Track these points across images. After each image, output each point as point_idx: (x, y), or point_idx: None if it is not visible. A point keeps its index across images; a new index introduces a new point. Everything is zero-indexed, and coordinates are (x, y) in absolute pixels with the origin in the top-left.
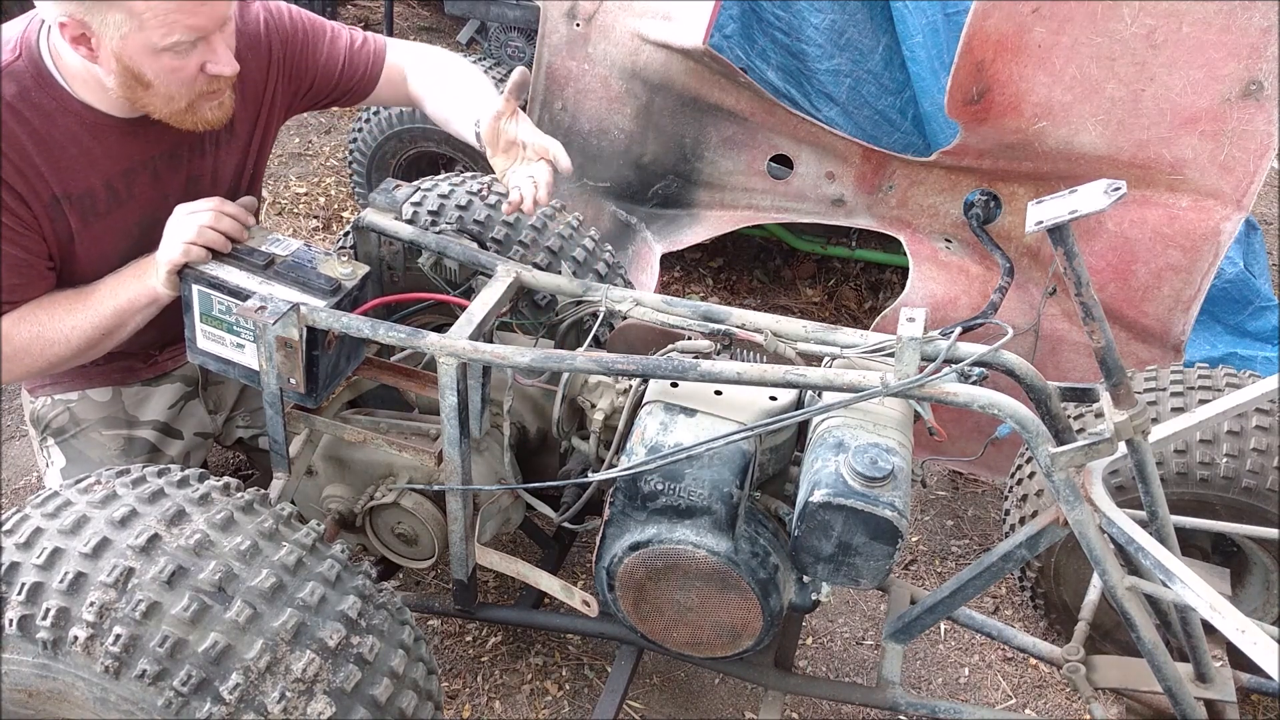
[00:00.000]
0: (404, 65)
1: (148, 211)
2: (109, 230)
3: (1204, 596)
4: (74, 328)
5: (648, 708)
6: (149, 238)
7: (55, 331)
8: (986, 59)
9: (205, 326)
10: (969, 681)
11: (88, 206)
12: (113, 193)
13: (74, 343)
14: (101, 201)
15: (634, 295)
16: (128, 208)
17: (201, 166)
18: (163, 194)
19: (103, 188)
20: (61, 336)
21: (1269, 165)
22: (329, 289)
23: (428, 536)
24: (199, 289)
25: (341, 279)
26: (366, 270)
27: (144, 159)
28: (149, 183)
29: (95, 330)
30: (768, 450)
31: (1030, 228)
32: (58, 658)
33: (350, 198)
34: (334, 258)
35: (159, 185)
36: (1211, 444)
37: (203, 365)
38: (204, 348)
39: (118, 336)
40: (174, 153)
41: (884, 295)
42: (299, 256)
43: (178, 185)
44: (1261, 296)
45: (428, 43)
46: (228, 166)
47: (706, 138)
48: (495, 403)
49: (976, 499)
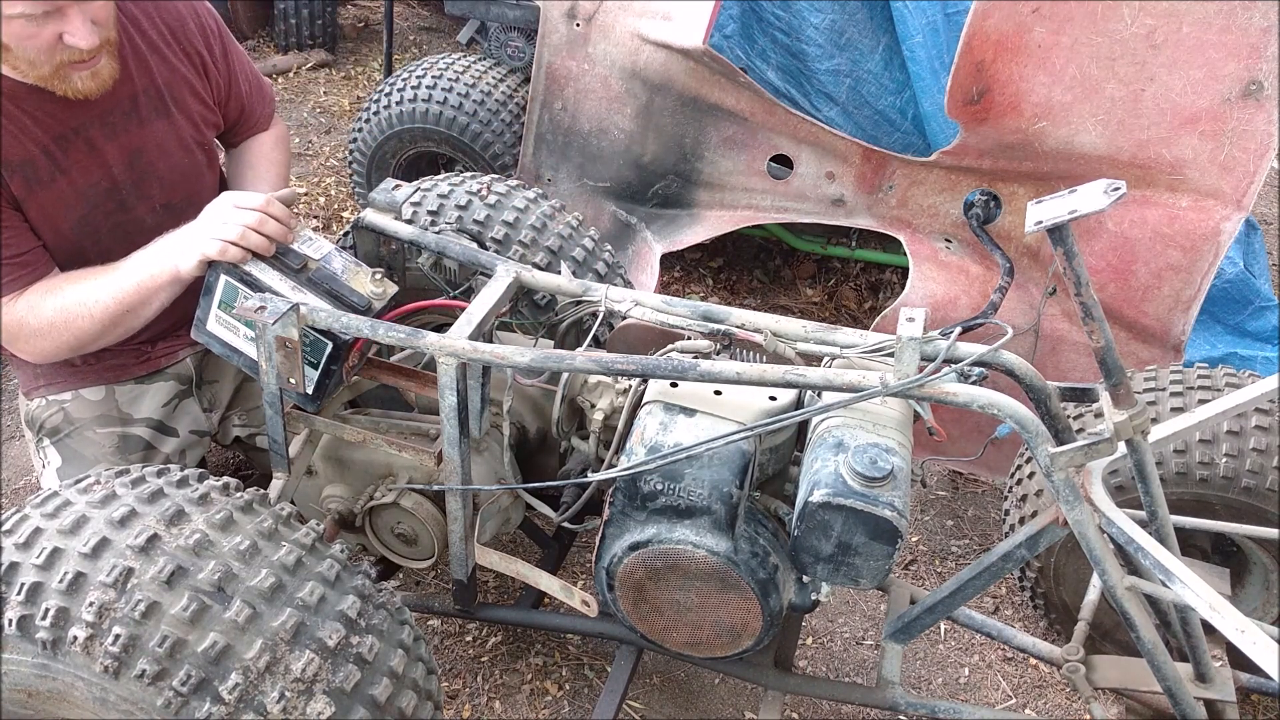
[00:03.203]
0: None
1: (90, 180)
2: (55, 199)
3: (1204, 596)
4: (97, 300)
5: (648, 708)
6: (99, 208)
7: (79, 304)
8: (986, 59)
9: (222, 314)
10: (969, 681)
11: (29, 174)
12: (50, 159)
13: (97, 316)
14: (42, 168)
15: (634, 295)
16: (70, 175)
17: (142, 136)
18: (103, 162)
19: (40, 154)
20: (85, 309)
21: (1269, 165)
22: (361, 307)
23: (427, 536)
24: (227, 279)
25: (373, 297)
26: (396, 290)
27: (74, 125)
28: (85, 150)
29: (118, 305)
30: (767, 450)
31: (1030, 228)
32: (57, 658)
33: (350, 198)
34: (364, 271)
35: (96, 154)
36: (1211, 444)
37: (206, 345)
38: (213, 330)
39: (141, 314)
40: (105, 119)
41: (884, 295)
42: (329, 263)
43: (119, 155)
44: (1261, 296)
45: (427, 43)
46: (172, 141)
47: (706, 138)
48: (495, 403)
49: (976, 499)
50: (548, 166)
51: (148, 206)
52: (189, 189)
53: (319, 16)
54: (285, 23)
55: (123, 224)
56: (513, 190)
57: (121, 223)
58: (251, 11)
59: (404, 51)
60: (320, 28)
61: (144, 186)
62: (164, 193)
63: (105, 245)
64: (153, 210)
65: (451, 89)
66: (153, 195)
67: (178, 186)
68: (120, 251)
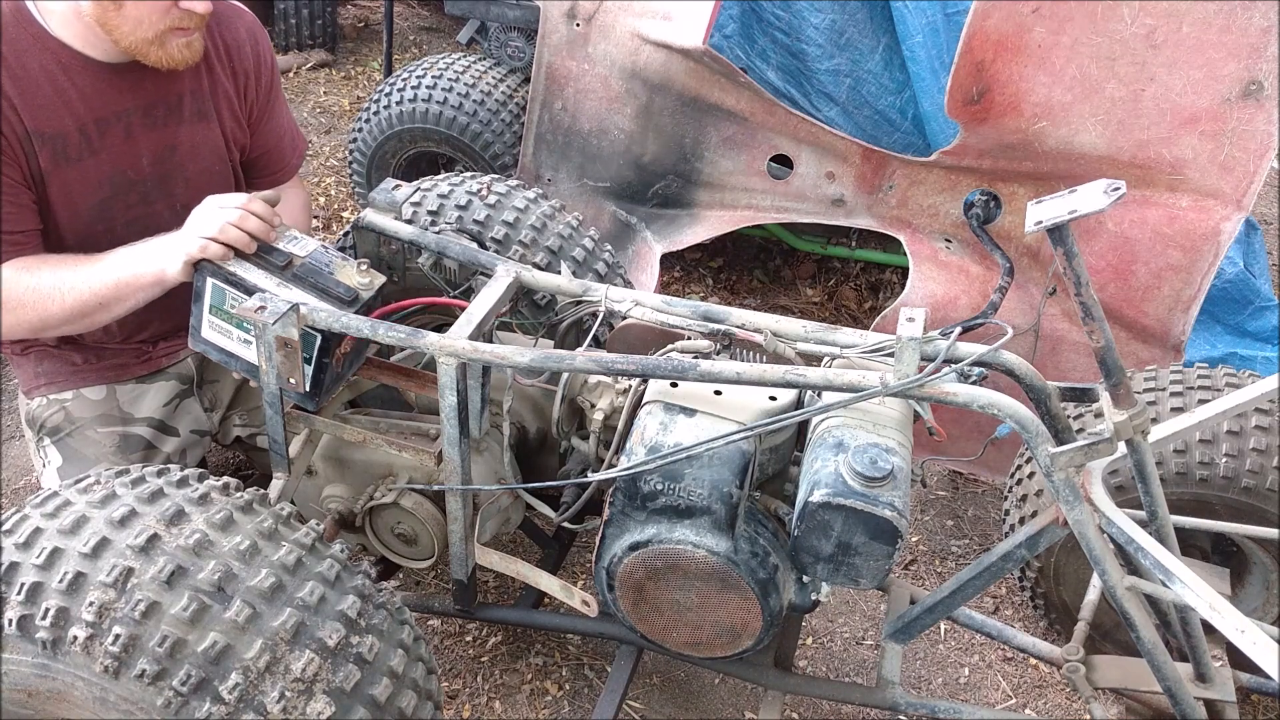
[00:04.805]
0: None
1: (119, 167)
2: (80, 178)
3: (1204, 596)
4: (72, 287)
5: (648, 708)
6: (121, 197)
7: (53, 287)
8: (986, 59)
9: (214, 319)
10: (969, 681)
11: (59, 149)
12: (85, 138)
13: (68, 303)
14: (73, 146)
15: (634, 295)
16: (100, 158)
17: (178, 135)
18: (135, 152)
19: (75, 131)
20: (58, 294)
21: (1269, 165)
22: (347, 299)
23: (427, 536)
24: (214, 282)
25: (359, 288)
26: (383, 280)
27: (119, 110)
28: (122, 137)
29: (92, 296)
30: (767, 450)
31: (1030, 228)
32: (57, 657)
33: (350, 198)
34: (351, 264)
35: (132, 142)
36: (1211, 444)
37: (204, 354)
38: (208, 338)
39: (113, 310)
40: (149, 110)
41: (884, 295)
42: (316, 259)
43: (152, 148)
44: (1261, 296)
45: (427, 43)
46: (206, 146)
47: (706, 138)
48: (495, 403)
49: (976, 499)
50: (548, 166)
51: (168, 205)
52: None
53: (319, 16)
54: (285, 23)
55: (141, 218)
56: (513, 190)
57: (140, 216)
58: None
59: (404, 51)
60: (320, 28)
61: (169, 184)
62: (187, 194)
63: (119, 235)
64: (173, 209)
65: (451, 89)
66: (176, 194)
67: (202, 191)
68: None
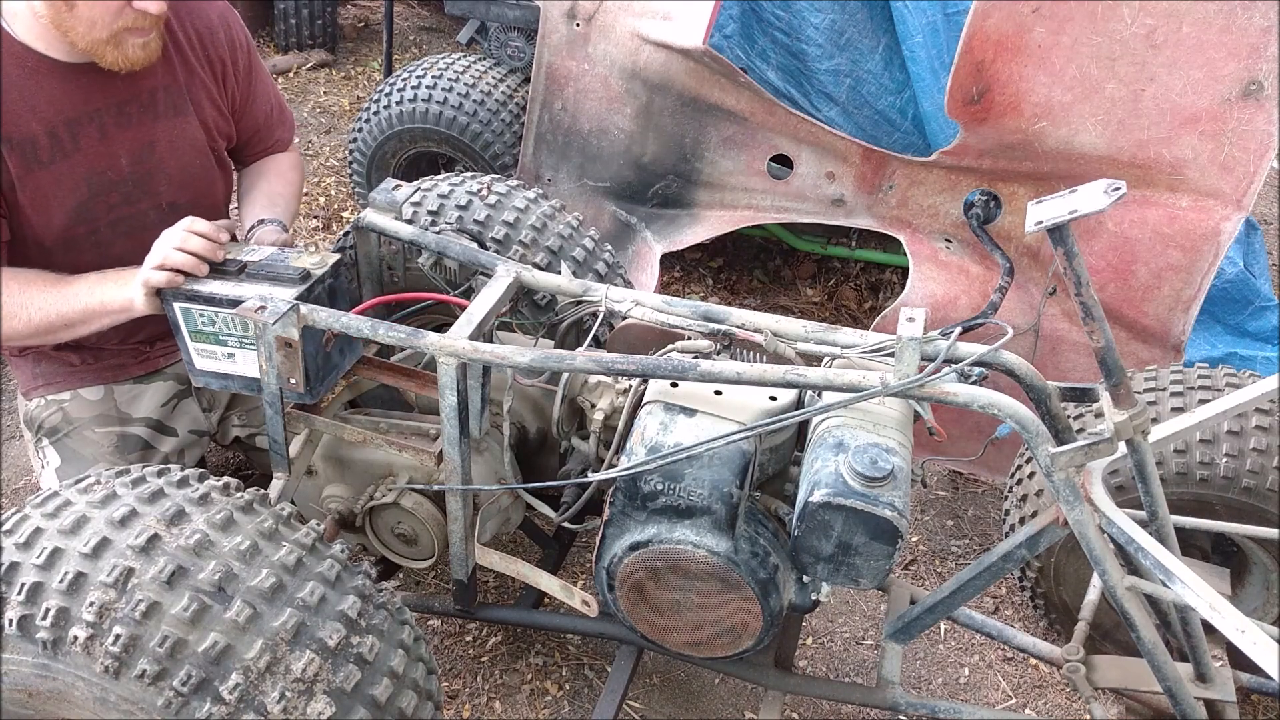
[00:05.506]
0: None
1: (96, 168)
2: (54, 182)
3: (1204, 596)
4: (39, 309)
5: (648, 708)
6: (102, 198)
7: (20, 305)
8: (986, 59)
9: (195, 344)
10: (969, 681)
11: (29, 153)
12: (56, 141)
13: (34, 322)
14: (44, 150)
15: (634, 295)
16: (74, 160)
17: (155, 131)
18: (112, 152)
19: (45, 135)
20: (25, 313)
21: (1269, 165)
22: (297, 277)
23: (428, 536)
24: (179, 305)
25: (310, 267)
26: (336, 258)
27: (90, 110)
28: (96, 137)
29: (59, 319)
30: (767, 450)
31: (1030, 228)
32: (58, 658)
33: (350, 198)
34: (304, 252)
35: (108, 142)
36: (1211, 444)
37: (208, 386)
38: (202, 367)
39: (77, 331)
40: (122, 108)
41: (884, 295)
42: (272, 259)
43: (129, 146)
44: (1261, 296)
45: (427, 43)
46: (185, 140)
47: (706, 138)
48: (495, 403)
49: (976, 499)
50: (548, 166)
51: (153, 203)
52: (197, 191)
53: (319, 16)
54: (285, 23)
55: (126, 217)
56: (513, 190)
57: (125, 216)
58: (251, 11)
59: (404, 51)
60: (320, 28)
61: (151, 182)
62: (171, 191)
63: (103, 237)
64: (158, 207)
65: (451, 89)
66: (159, 192)
67: (186, 187)
68: (118, 245)
